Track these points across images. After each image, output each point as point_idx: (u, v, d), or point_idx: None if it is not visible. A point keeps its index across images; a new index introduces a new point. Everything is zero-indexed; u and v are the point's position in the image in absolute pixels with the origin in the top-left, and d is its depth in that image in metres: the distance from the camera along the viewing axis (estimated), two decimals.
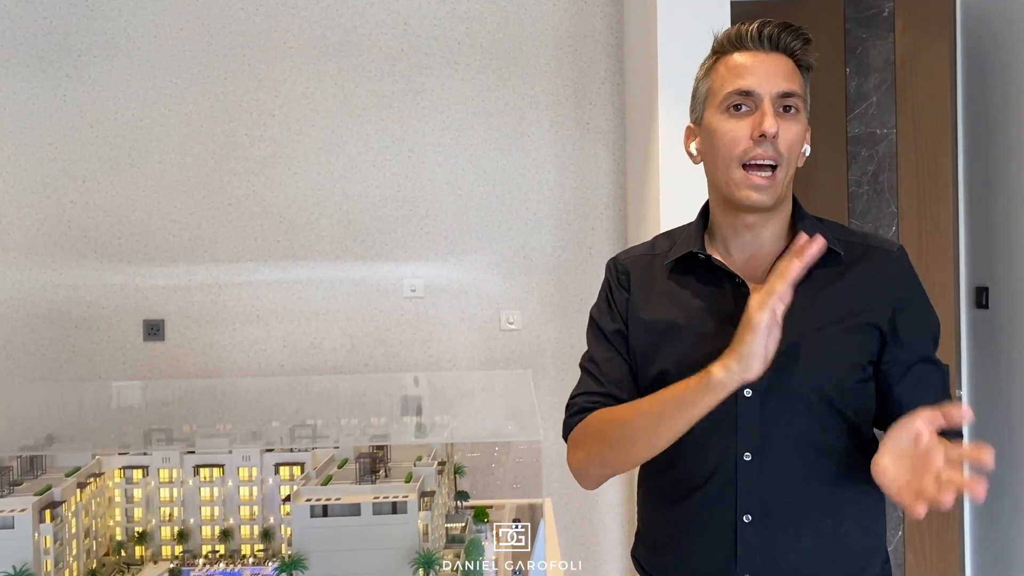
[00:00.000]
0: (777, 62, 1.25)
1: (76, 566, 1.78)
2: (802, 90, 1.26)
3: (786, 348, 1.21)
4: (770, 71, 1.24)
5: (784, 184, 1.26)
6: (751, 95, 1.24)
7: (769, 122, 1.21)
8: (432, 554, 1.65)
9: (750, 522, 1.25)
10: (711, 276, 1.32)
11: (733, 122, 1.25)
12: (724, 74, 1.27)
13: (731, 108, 1.25)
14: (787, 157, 1.24)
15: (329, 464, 1.98)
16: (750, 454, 1.25)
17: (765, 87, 1.23)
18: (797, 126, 1.24)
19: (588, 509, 3.34)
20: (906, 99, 2.85)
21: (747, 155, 1.23)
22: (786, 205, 1.32)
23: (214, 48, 3.26)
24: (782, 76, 1.24)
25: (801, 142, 1.27)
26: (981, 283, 3.00)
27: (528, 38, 3.29)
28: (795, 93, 1.24)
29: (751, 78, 1.24)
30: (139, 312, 3.27)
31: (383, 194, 3.29)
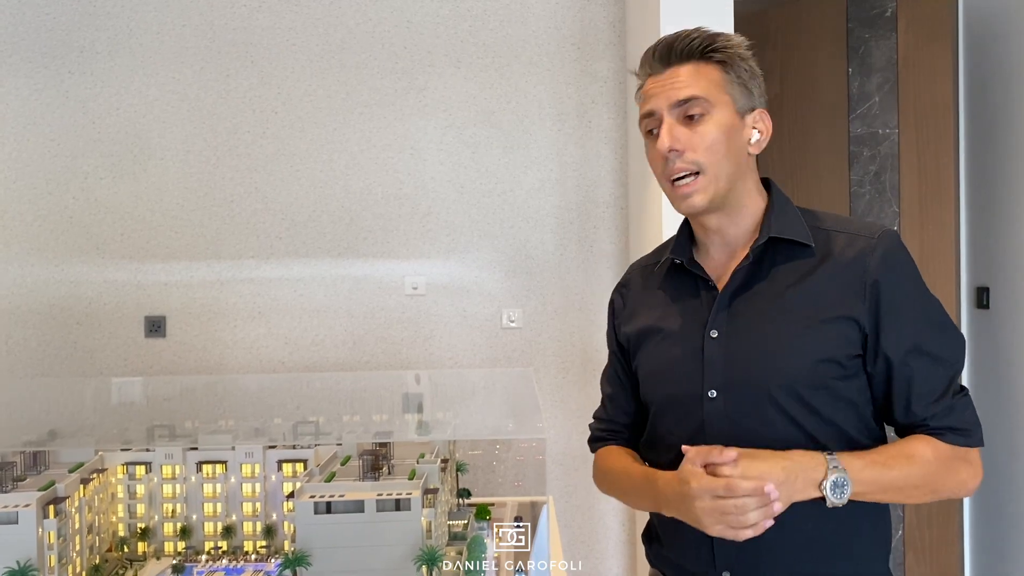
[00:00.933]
0: (673, 75, 1.27)
1: (79, 562, 1.79)
2: (713, 86, 1.26)
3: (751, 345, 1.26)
4: (665, 87, 1.27)
5: (717, 184, 1.26)
6: (654, 116, 1.28)
7: (662, 140, 1.25)
8: (435, 551, 1.66)
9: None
10: (691, 279, 1.36)
11: (650, 145, 1.30)
12: (640, 103, 1.33)
13: (648, 133, 1.30)
14: (706, 161, 1.25)
15: (332, 461, 1.98)
16: None
17: (661, 104, 1.27)
18: (706, 126, 1.25)
19: (588, 507, 3.34)
20: (908, 99, 2.85)
21: (666, 172, 1.28)
22: (744, 200, 1.31)
23: (217, 45, 3.26)
24: (678, 86, 1.26)
25: (721, 139, 1.25)
26: (982, 283, 3.00)
27: (531, 36, 3.29)
28: (693, 97, 1.25)
29: (651, 101, 1.28)
30: (141, 308, 3.28)
31: (385, 192, 3.29)
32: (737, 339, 1.27)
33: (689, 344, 1.31)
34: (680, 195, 1.27)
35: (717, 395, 1.27)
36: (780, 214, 1.30)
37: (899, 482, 1.20)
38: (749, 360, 1.25)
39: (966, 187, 3.06)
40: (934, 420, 1.23)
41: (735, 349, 1.27)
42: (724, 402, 1.27)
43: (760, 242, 1.27)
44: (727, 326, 1.28)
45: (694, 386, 1.29)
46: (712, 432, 1.27)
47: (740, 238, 1.32)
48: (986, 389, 2.98)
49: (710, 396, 1.28)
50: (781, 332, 1.24)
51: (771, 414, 1.24)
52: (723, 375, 1.27)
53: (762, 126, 1.30)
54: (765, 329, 1.25)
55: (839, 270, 1.24)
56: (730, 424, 1.26)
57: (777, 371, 1.23)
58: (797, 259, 1.27)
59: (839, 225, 1.29)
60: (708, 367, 1.28)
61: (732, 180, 1.28)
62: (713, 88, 1.25)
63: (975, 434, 1.25)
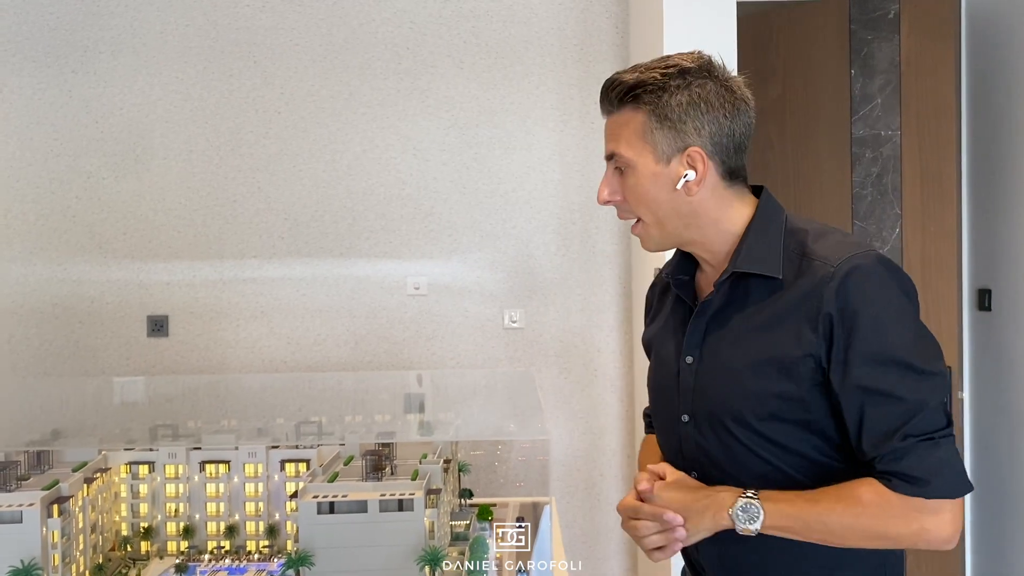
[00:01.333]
0: (609, 123, 1.29)
1: (83, 561, 1.79)
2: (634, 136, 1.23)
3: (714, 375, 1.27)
4: (606, 135, 1.30)
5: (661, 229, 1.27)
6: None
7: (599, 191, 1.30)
8: (438, 551, 1.66)
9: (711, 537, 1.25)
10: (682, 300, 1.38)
11: None
12: None
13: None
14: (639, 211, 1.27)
15: (335, 461, 1.99)
16: (696, 473, 1.30)
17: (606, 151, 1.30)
18: (630, 178, 1.25)
19: (589, 508, 3.35)
20: (911, 101, 2.86)
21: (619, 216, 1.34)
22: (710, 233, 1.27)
23: (220, 45, 3.27)
24: (609, 137, 1.28)
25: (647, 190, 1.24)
26: (984, 285, 3.01)
27: (534, 37, 3.30)
28: (613, 153, 1.26)
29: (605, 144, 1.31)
30: (143, 308, 3.28)
31: (387, 192, 3.30)
32: (704, 367, 1.28)
33: (671, 367, 1.34)
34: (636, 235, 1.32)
35: (688, 420, 1.30)
36: (754, 241, 1.24)
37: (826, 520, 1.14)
38: (710, 389, 1.27)
39: (968, 189, 3.06)
40: (880, 463, 1.14)
41: (702, 377, 1.28)
42: (694, 428, 1.29)
43: (723, 278, 1.25)
44: (700, 353, 1.29)
45: (672, 409, 1.33)
46: (687, 455, 1.31)
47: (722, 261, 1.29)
48: (987, 391, 2.98)
49: (683, 420, 1.31)
50: (738, 363, 1.23)
51: (730, 442, 1.25)
52: (692, 402, 1.29)
53: (698, 166, 1.23)
54: (727, 359, 1.25)
55: (799, 301, 1.18)
56: (700, 450, 1.29)
57: (731, 402, 1.23)
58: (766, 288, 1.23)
59: (819, 248, 1.21)
60: (682, 392, 1.31)
61: (676, 223, 1.26)
62: (634, 139, 1.23)
63: (933, 483, 1.11)
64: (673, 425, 1.32)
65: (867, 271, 1.15)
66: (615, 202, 1.28)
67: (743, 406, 1.22)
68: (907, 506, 1.12)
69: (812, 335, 1.16)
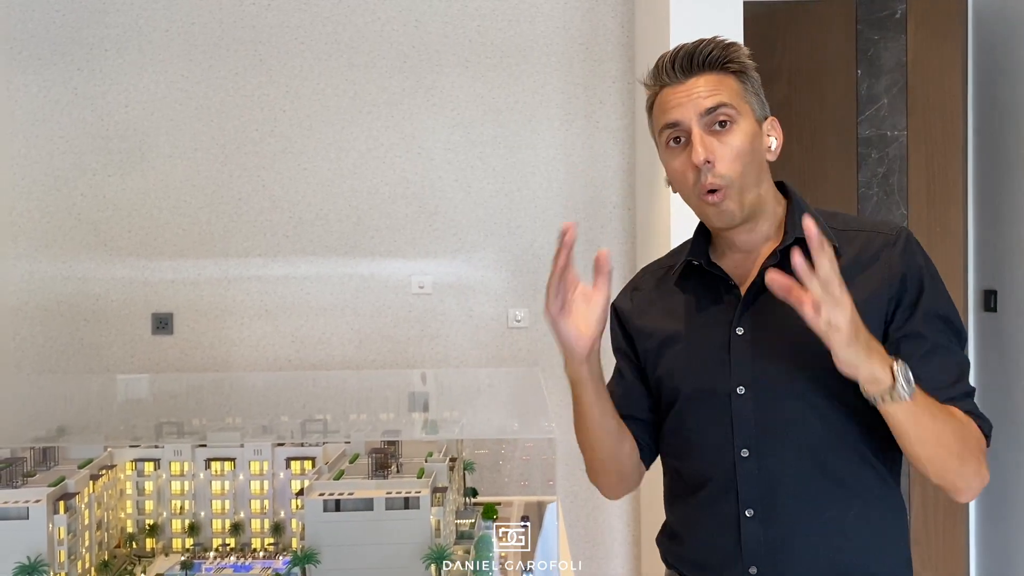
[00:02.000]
0: (695, 84, 1.26)
1: (89, 557, 1.79)
2: (735, 95, 1.26)
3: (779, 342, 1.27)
4: (690, 96, 1.26)
5: (745, 193, 1.26)
6: (680, 126, 1.26)
7: (696, 152, 1.23)
8: (444, 550, 1.66)
9: (752, 516, 1.28)
10: (711, 282, 1.36)
11: (675, 157, 1.29)
12: (656, 113, 1.31)
13: (670, 143, 1.29)
14: (734, 173, 1.24)
15: (340, 459, 1.99)
16: (747, 451, 1.29)
17: (688, 114, 1.25)
18: (735, 135, 1.25)
19: (593, 508, 3.34)
20: (917, 101, 2.85)
21: (696, 187, 1.26)
22: (769, 206, 1.31)
23: (225, 43, 3.27)
24: (703, 95, 1.25)
25: (748, 148, 1.25)
26: (989, 286, 3.00)
27: (539, 36, 3.30)
28: (722, 104, 1.24)
29: (674, 111, 1.27)
30: (148, 306, 3.28)
31: (392, 191, 3.30)
32: (764, 336, 1.28)
33: (715, 342, 1.32)
34: (713, 207, 1.26)
35: (745, 391, 1.29)
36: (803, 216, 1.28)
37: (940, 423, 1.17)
38: (777, 356, 1.27)
39: (974, 190, 3.05)
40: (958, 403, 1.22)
41: (762, 346, 1.28)
42: (753, 398, 1.28)
43: (787, 243, 1.27)
44: (752, 323, 1.30)
45: (722, 383, 1.30)
46: (740, 428, 1.29)
47: (758, 242, 1.32)
48: (993, 392, 2.98)
49: (738, 392, 1.29)
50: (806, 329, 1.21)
51: (798, 409, 1.26)
52: (751, 372, 1.28)
53: (776, 133, 1.31)
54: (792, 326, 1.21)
55: (862, 266, 1.25)
56: (757, 420, 1.28)
57: (806, 365, 1.24)
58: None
59: (856, 224, 1.31)
60: (736, 364, 1.29)
61: (756, 191, 1.28)
62: (736, 97, 1.26)
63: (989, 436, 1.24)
64: (721, 402, 1.30)
65: (915, 239, 1.28)
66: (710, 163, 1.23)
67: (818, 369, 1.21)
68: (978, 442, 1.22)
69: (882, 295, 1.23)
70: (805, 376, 1.25)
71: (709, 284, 1.36)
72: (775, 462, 1.27)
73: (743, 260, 1.34)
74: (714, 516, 1.32)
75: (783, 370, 1.27)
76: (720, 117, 1.24)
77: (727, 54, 1.27)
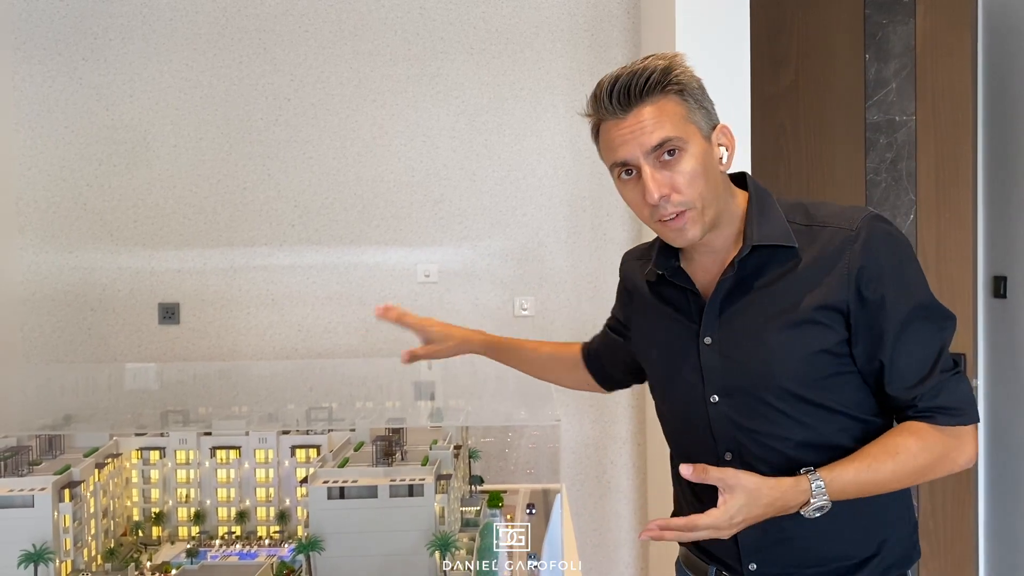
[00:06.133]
0: (637, 117, 1.22)
1: (95, 545, 1.80)
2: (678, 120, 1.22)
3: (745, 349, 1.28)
4: (634, 133, 1.22)
5: (706, 212, 1.25)
6: (628, 164, 1.24)
7: (649, 194, 1.22)
8: (448, 537, 1.66)
9: None
10: (680, 288, 1.37)
11: (629, 189, 1.27)
12: (604, 147, 1.29)
13: (621, 175, 1.27)
14: (691, 198, 1.23)
15: (345, 447, 1.99)
16: (730, 454, 1.31)
17: (635, 152, 1.22)
18: (686, 162, 1.22)
19: (600, 495, 3.34)
20: (926, 86, 2.82)
21: (654, 216, 1.25)
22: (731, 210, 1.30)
23: (229, 32, 3.26)
24: (647, 130, 1.21)
25: (701, 170, 1.23)
26: (999, 272, 2.98)
27: (544, 23, 3.27)
28: (668, 138, 1.21)
29: (620, 150, 1.24)
30: (154, 295, 3.29)
31: (397, 179, 3.29)
32: (731, 344, 1.29)
33: (686, 353, 1.34)
34: (674, 230, 1.25)
35: (719, 400, 1.30)
36: (761, 219, 1.29)
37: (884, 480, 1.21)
38: (744, 364, 1.28)
39: (984, 175, 3.02)
40: (922, 401, 1.23)
41: (729, 354, 1.29)
42: (727, 406, 1.30)
43: (743, 254, 1.27)
44: (719, 332, 1.30)
45: (696, 393, 1.33)
46: (719, 435, 1.31)
47: (725, 245, 1.32)
48: (1002, 378, 2.96)
49: (712, 401, 1.31)
50: (770, 333, 1.25)
51: (772, 414, 1.27)
52: (722, 380, 1.30)
53: (727, 141, 1.28)
54: (755, 332, 1.27)
55: (823, 264, 1.24)
56: (735, 427, 1.30)
57: (771, 372, 1.25)
58: (782, 259, 1.27)
59: (823, 218, 1.27)
60: (707, 373, 1.31)
61: (716, 204, 1.27)
62: (679, 121, 1.22)
63: (967, 412, 1.23)
64: (698, 408, 1.32)
65: (883, 229, 1.24)
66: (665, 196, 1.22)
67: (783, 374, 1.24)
68: (945, 437, 1.22)
69: (843, 292, 1.22)
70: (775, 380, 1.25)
71: (678, 292, 1.38)
72: (757, 464, 1.28)
73: (710, 264, 1.34)
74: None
75: (754, 376, 1.27)
76: (668, 148, 1.21)
77: (663, 79, 1.22)
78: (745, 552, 1.32)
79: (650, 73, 1.21)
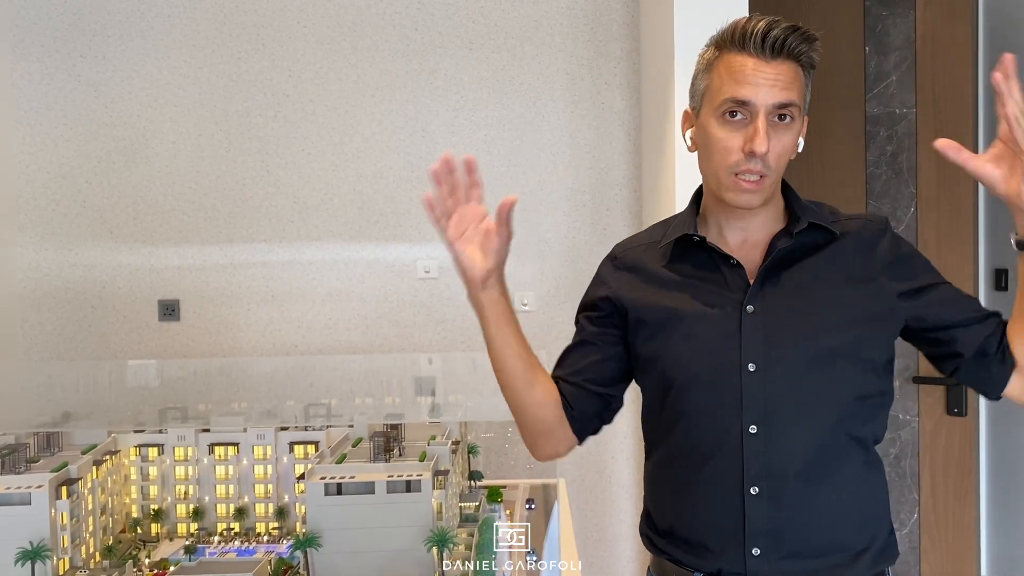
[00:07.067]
0: (778, 71, 1.23)
1: (93, 542, 1.80)
2: (802, 94, 1.28)
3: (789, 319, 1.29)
4: (770, 81, 1.23)
5: (772, 186, 1.30)
6: (747, 105, 1.24)
7: (759, 142, 1.22)
8: (446, 532, 1.65)
9: (757, 494, 1.28)
10: (708, 260, 1.35)
11: (727, 131, 1.26)
12: (724, 76, 1.26)
13: (727, 114, 1.26)
14: (776, 166, 1.27)
15: (343, 443, 1.99)
16: (755, 427, 1.28)
17: (762, 99, 1.23)
18: (789, 135, 1.27)
19: (601, 490, 3.34)
20: (927, 78, 2.81)
21: (738, 166, 1.26)
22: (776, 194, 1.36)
23: (227, 28, 3.25)
24: (781, 86, 1.23)
25: (793, 147, 1.30)
26: (1000, 265, 2.96)
27: (543, 17, 3.26)
28: (792, 103, 1.25)
29: (749, 88, 1.23)
30: (154, 292, 3.28)
31: (397, 175, 3.28)
32: (774, 315, 1.30)
33: (724, 321, 1.31)
34: (741, 189, 1.27)
35: (756, 369, 1.29)
36: (805, 204, 1.37)
37: None
38: (788, 335, 1.29)
39: None
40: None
41: (773, 324, 1.30)
42: (764, 376, 1.28)
43: (802, 227, 1.32)
44: (762, 302, 1.31)
45: (731, 361, 1.30)
46: (749, 405, 1.29)
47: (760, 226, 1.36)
48: None
49: (749, 369, 1.29)
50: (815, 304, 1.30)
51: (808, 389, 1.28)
52: (762, 349, 1.29)
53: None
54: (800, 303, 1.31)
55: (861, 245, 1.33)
56: (768, 397, 1.28)
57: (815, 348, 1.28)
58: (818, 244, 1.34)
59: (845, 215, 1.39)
60: (746, 342, 1.30)
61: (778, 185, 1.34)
62: (801, 95, 1.28)
63: None
64: (730, 379, 1.29)
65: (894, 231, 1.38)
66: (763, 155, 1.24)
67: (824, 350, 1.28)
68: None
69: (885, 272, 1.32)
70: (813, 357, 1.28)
71: (707, 264, 1.35)
72: (784, 440, 1.27)
73: (741, 241, 1.36)
74: (716, 495, 1.31)
75: (794, 349, 1.28)
76: (785, 112, 1.25)
77: (808, 48, 1.26)
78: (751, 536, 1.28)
79: (804, 37, 1.25)
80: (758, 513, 1.27)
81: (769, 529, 1.28)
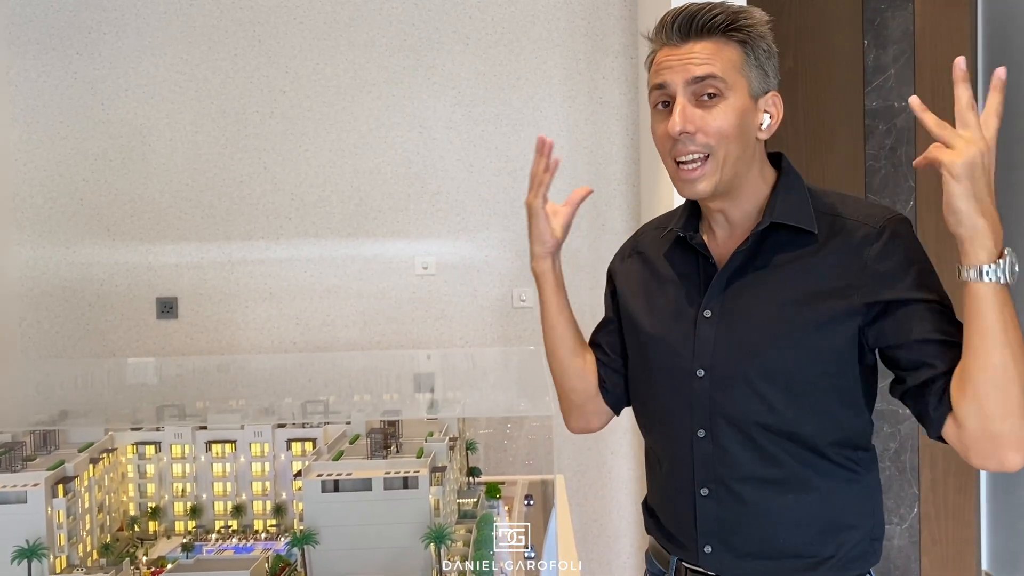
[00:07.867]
0: (690, 49, 1.21)
1: (90, 540, 1.79)
2: (731, 67, 1.20)
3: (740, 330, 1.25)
4: (683, 61, 1.21)
5: (724, 169, 1.22)
6: (665, 88, 1.23)
7: (673, 121, 1.20)
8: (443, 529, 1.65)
9: (707, 495, 1.29)
10: (693, 254, 1.35)
11: (658, 120, 1.26)
12: (650, 72, 1.27)
13: (658, 106, 1.26)
14: (716, 145, 1.21)
15: (341, 440, 1.98)
16: (703, 431, 1.28)
17: (675, 78, 1.21)
18: (720, 111, 1.20)
19: (600, 486, 3.33)
20: (925, 71, 2.80)
21: (673, 152, 1.24)
22: (748, 185, 1.28)
23: (224, 24, 3.24)
24: (697, 63, 1.20)
25: (734, 125, 1.20)
26: None
27: (540, 12, 3.25)
28: (711, 75, 1.19)
29: (664, 74, 1.23)
30: (152, 290, 3.28)
31: (394, 171, 3.27)
32: (727, 322, 1.26)
33: (684, 320, 1.31)
34: (685, 179, 1.24)
35: (704, 374, 1.27)
36: (785, 197, 1.26)
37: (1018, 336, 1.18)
38: (736, 343, 1.25)
39: None
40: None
41: (724, 332, 1.26)
42: (709, 381, 1.27)
43: (761, 227, 1.25)
44: (721, 307, 1.27)
45: (685, 362, 1.29)
46: (697, 409, 1.28)
47: (743, 219, 1.30)
48: None
49: (698, 375, 1.28)
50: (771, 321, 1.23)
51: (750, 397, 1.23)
52: (710, 356, 1.27)
53: (774, 110, 1.25)
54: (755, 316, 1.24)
55: (846, 251, 1.21)
56: (713, 404, 1.27)
57: (763, 357, 1.23)
58: (799, 244, 1.24)
59: (847, 210, 1.25)
60: (698, 346, 1.28)
61: (738, 166, 1.24)
62: (731, 69, 1.20)
63: None
64: (684, 380, 1.29)
65: (904, 230, 1.21)
66: (688, 133, 1.20)
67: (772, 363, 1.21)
68: None
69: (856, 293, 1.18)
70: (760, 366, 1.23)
71: (691, 258, 1.35)
72: (729, 445, 1.26)
73: (726, 237, 1.32)
74: (676, 492, 1.34)
75: (739, 357, 1.24)
76: (708, 89, 1.20)
77: (731, 20, 1.20)
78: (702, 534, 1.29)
79: (718, 12, 1.20)
80: (708, 514, 1.28)
81: (718, 530, 1.29)
